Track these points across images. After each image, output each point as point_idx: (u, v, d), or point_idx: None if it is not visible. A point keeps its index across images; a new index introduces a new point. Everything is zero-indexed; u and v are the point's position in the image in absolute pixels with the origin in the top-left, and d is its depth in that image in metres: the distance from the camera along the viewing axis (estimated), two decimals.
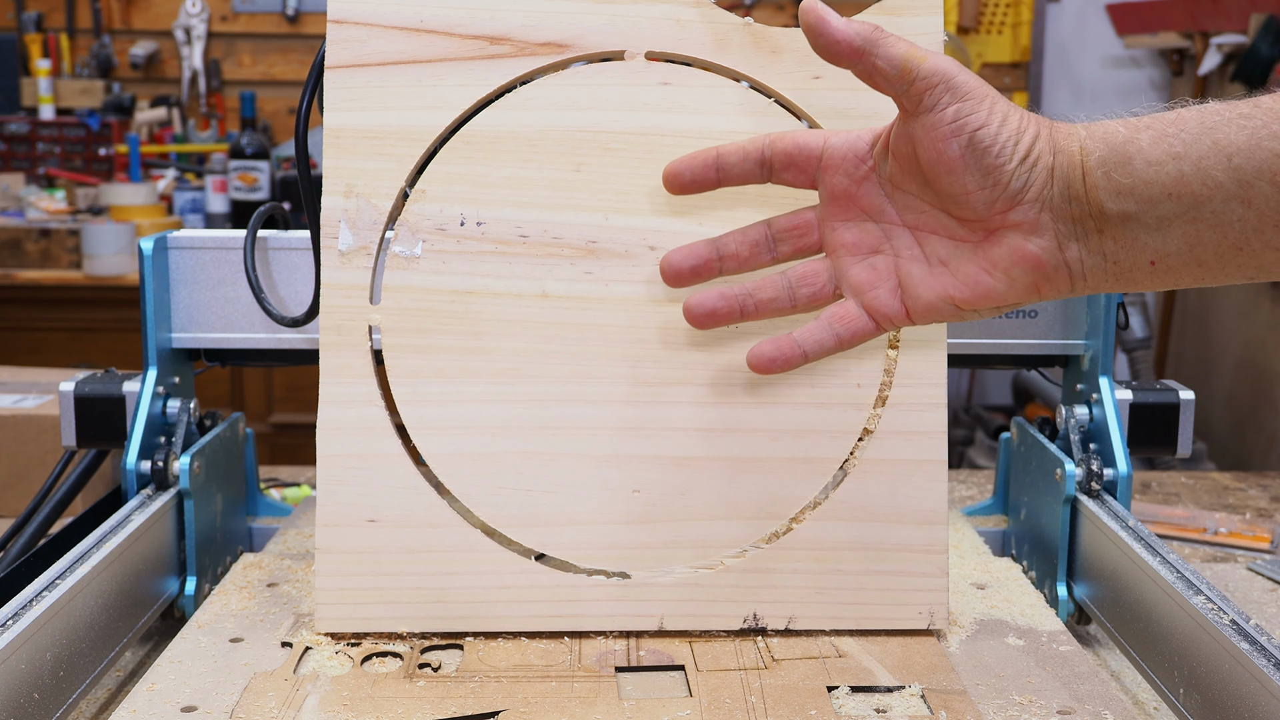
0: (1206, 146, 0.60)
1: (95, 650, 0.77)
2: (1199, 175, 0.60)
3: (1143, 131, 0.62)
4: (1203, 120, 0.60)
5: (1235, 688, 0.67)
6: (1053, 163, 0.63)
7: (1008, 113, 0.64)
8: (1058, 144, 0.64)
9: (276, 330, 0.96)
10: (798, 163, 0.72)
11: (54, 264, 2.83)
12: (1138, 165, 0.61)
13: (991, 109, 0.64)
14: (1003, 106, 0.64)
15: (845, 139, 0.71)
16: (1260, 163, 0.58)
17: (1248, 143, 0.59)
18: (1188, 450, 0.99)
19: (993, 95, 0.65)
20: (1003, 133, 0.64)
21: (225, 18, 3.51)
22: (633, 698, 0.74)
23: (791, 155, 0.72)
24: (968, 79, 0.65)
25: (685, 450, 0.82)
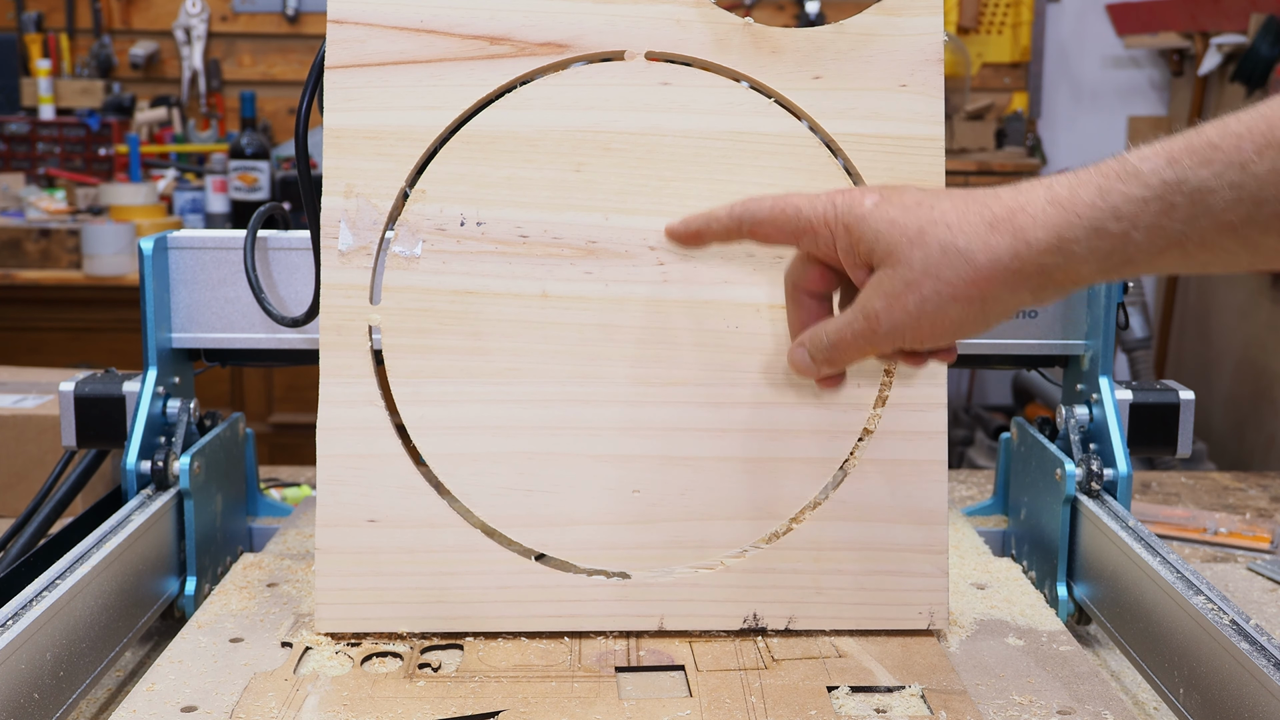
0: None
1: (95, 650, 0.77)
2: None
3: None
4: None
5: (1235, 688, 0.67)
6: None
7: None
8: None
9: (276, 330, 0.96)
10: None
11: (54, 264, 2.83)
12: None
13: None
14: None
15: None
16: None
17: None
18: (1188, 450, 0.99)
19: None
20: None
21: (225, 18, 3.51)
22: (633, 698, 0.74)
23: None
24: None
25: (685, 450, 0.82)
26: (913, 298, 0.66)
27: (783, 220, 0.72)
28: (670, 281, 0.82)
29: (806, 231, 0.71)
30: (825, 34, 0.82)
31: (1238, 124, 0.57)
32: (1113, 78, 3.78)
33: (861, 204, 0.68)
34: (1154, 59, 3.75)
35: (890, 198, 0.68)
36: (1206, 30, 3.40)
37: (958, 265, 0.64)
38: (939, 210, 0.65)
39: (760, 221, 0.73)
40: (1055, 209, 0.62)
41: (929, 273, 0.65)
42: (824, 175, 0.82)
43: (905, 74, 0.82)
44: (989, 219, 0.63)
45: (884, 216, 0.67)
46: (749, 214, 0.73)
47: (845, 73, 0.82)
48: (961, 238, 0.64)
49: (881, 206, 0.67)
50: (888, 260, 0.67)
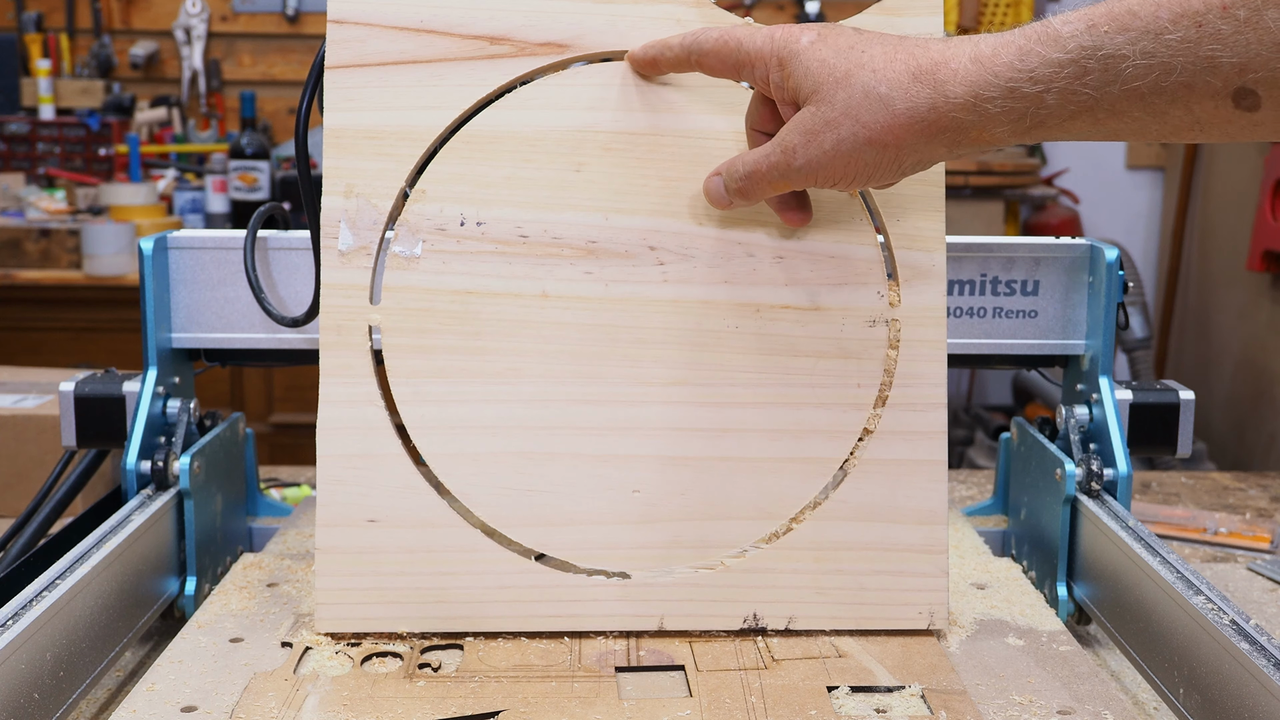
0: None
1: (95, 650, 0.77)
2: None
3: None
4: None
5: (1235, 688, 0.67)
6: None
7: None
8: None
9: (276, 330, 0.96)
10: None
11: (54, 264, 2.83)
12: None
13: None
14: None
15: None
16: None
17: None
18: (1188, 450, 0.99)
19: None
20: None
21: (225, 18, 3.51)
22: (633, 698, 0.74)
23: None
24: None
25: (685, 450, 0.82)
26: (830, 136, 0.68)
27: (725, 52, 0.74)
28: (670, 281, 0.82)
29: (746, 64, 0.73)
30: None
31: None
32: None
33: (798, 40, 0.70)
34: None
35: (826, 37, 0.69)
36: None
37: (877, 110, 0.66)
38: (868, 55, 0.67)
39: (706, 52, 0.75)
40: (976, 66, 0.64)
41: (849, 114, 0.67)
42: None
43: None
44: (913, 69, 0.66)
45: (816, 56, 0.69)
46: (697, 44, 0.76)
47: None
48: (884, 85, 0.66)
49: (816, 45, 0.69)
50: (812, 98, 0.69)
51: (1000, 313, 0.98)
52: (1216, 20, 0.56)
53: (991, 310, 0.98)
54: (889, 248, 0.82)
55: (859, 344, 0.82)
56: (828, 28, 0.71)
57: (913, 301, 0.82)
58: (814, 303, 0.82)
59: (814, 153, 0.69)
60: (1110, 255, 0.94)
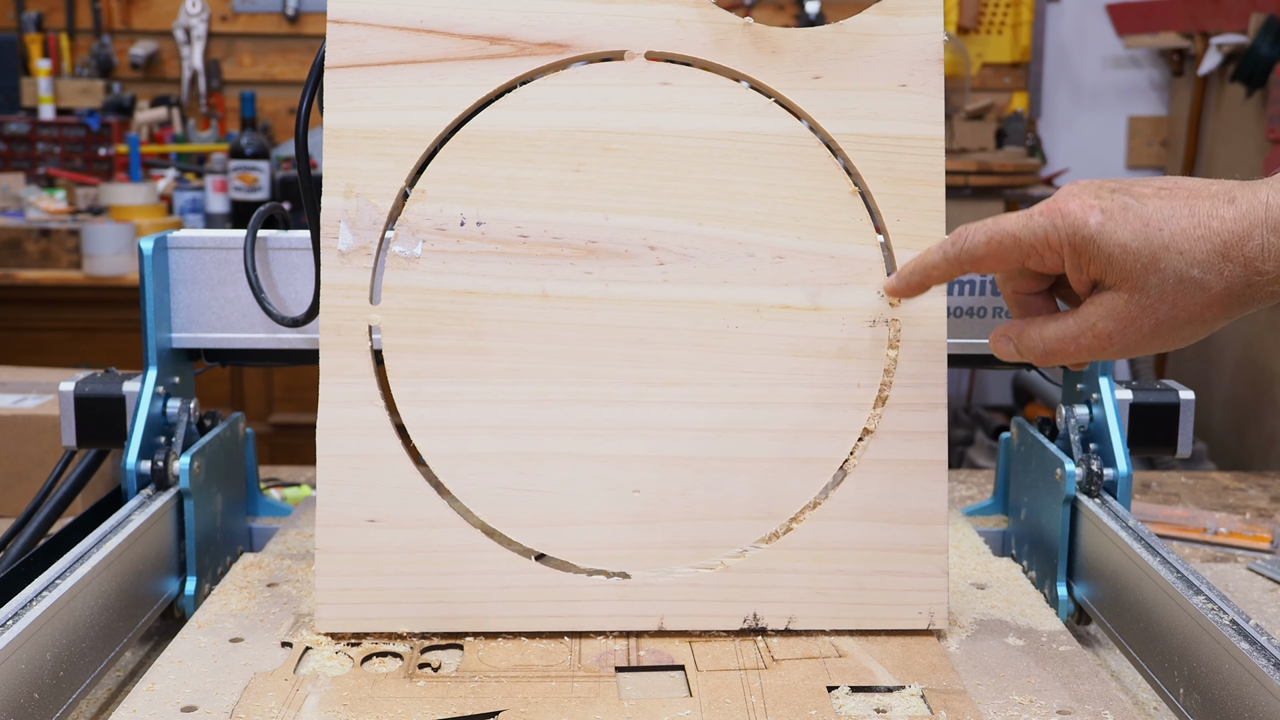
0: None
1: (95, 650, 0.77)
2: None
3: None
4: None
5: (1235, 688, 0.67)
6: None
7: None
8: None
9: (276, 330, 0.96)
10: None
11: (54, 264, 2.83)
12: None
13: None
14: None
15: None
16: None
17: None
18: (1188, 450, 0.99)
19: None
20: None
21: (225, 18, 3.51)
22: (633, 698, 0.74)
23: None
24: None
25: (685, 450, 0.82)
26: (1148, 321, 0.68)
27: (1002, 251, 0.72)
28: (670, 281, 0.82)
29: (1030, 255, 0.72)
30: (825, 34, 0.82)
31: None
32: (1113, 78, 3.78)
33: (1087, 224, 0.68)
34: (1154, 59, 3.75)
35: (1115, 216, 0.68)
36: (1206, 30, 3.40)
37: (1194, 294, 0.67)
38: (1169, 234, 0.66)
39: (979, 258, 0.74)
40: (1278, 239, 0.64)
41: (1165, 299, 0.67)
42: (824, 175, 0.82)
43: (905, 74, 0.82)
44: (1220, 247, 0.65)
45: (1114, 240, 0.68)
46: (966, 253, 0.74)
47: (845, 73, 0.82)
48: (1196, 267, 0.66)
49: (1109, 228, 0.68)
50: (1121, 284, 0.68)
51: (1000, 313, 0.98)
52: None
53: (991, 310, 0.98)
54: (889, 248, 0.82)
55: (859, 344, 0.82)
56: (1104, 198, 0.69)
57: (913, 301, 0.82)
58: (814, 303, 0.82)
59: (1132, 337, 0.69)
60: None
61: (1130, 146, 3.79)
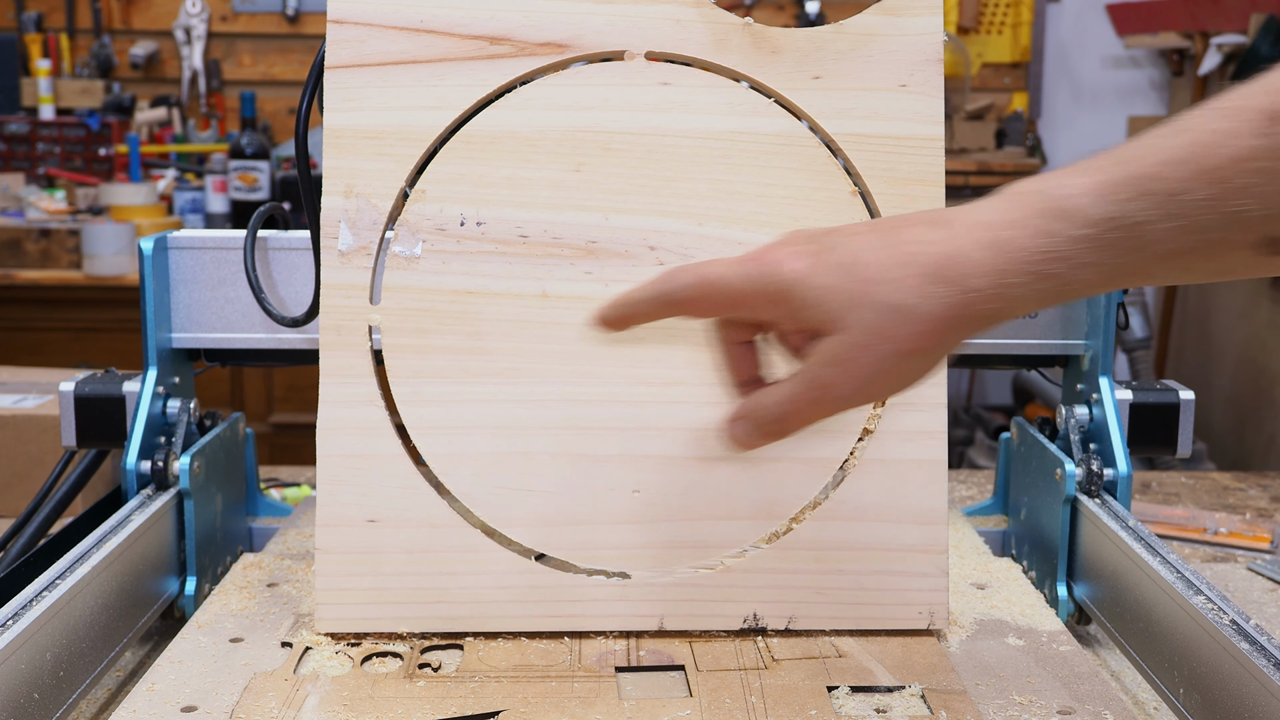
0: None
1: (95, 650, 0.77)
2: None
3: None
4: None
5: (1235, 688, 0.67)
6: None
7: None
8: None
9: (276, 330, 0.96)
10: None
11: (54, 264, 2.83)
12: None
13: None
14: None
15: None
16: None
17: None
18: (1188, 450, 0.98)
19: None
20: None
21: (225, 18, 3.51)
22: (633, 698, 0.74)
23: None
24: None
25: (685, 450, 0.82)
26: (866, 360, 0.64)
27: (709, 297, 0.68)
28: None
29: (738, 304, 0.67)
30: (825, 34, 0.82)
31: (1167, 150, 0.57)
32: (1113, 78, 3.78)
33: (785, 270, 0.65)
34: (1154, 59, 3.75)
35: (819, 258, 0.65)
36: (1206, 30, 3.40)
37: (905, 322, 0.63)
38: (874, 268, 0.63)
39: (683, 301, 0.68)
40: (992, 253, 0.61)
41: (877, 333, 0.63)
42: (824, 175, 0.82)
43: (905, 74, 0.82)
44: (925, 270, 0.62)
45: (815, 284, 0.64)
46: (670, 295, 0.68)
47: (845, 73, 0.82)
48: (901, 294, 0.62)
49: (812, 271, 0.65)
50: (831, 327, 0.64)
51: None
52: (1237, 174, 0.55)
53: None
54: None
55: None
56: (807, 243, 0.66)
57: None
58: None
59: (855, 382, 0.65)
60: None
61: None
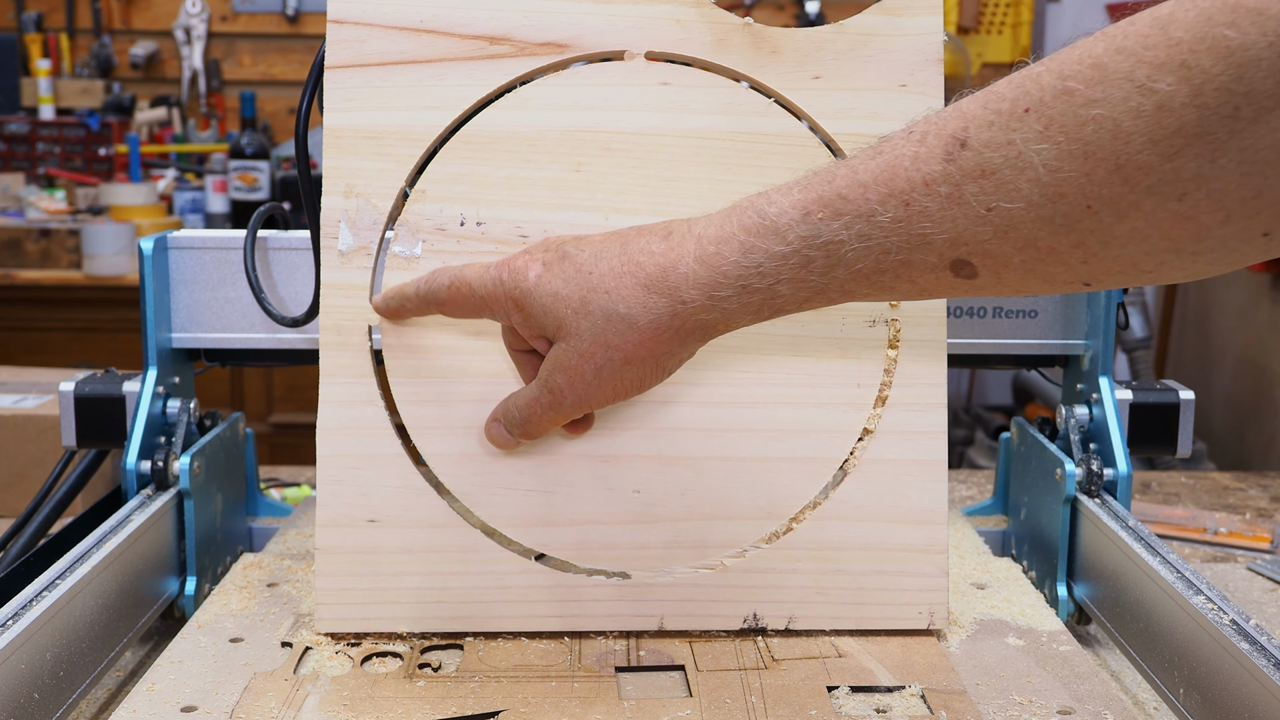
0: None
1: (95, 650, 0.77)
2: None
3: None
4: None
5: (1235, 688, 0.67)
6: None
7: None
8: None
9: (276, 330, 0.96)
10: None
11: (54, 264, 2.83)
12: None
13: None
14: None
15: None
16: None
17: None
18: (1188, 450, 0.99)
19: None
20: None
21: (225, 18, 3.51)
22: (633, 698, 0.74)
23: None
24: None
25: (685, 450, 0.82)
26: (589, 367, 0.68)
27: (461, 299, 0.72)
28: None
29: (484, 307, 0.72)
30: (825, 34, 0.82)
31: (864, 172, 0.59)
32: None
33: (526, 277, 0.69)
34: None
35: (552, 266, 0.68)
36: None
37: (623, 330, 0.66)
38: (597, 276, 0.66)
39: (442, 301, 0.74)
40: (703, 267, 0.63)
41: (598, 341, 0.67)
42: None
43: (905, 74, 0.82)
44: (644, 281, 0.65)
45: (548, 290, 0.68)
46: (431, 294, 0.74)
47: (845, 73, 0.82)
48: (622, 303, 0.65)
49: (544, 279, 0.68)
50: (559, 333, 0.68)
51: (1000, 313, 0.98)
52: (922, 198, 0.56)
53: (991, 310, 0.98)
54: None
55: (859, 344, 0.82)
56: (550, 253, 0.69)
57: (913, 301, 0.82)
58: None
59: (580, 388, 0.69)
60: None
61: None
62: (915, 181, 0.57)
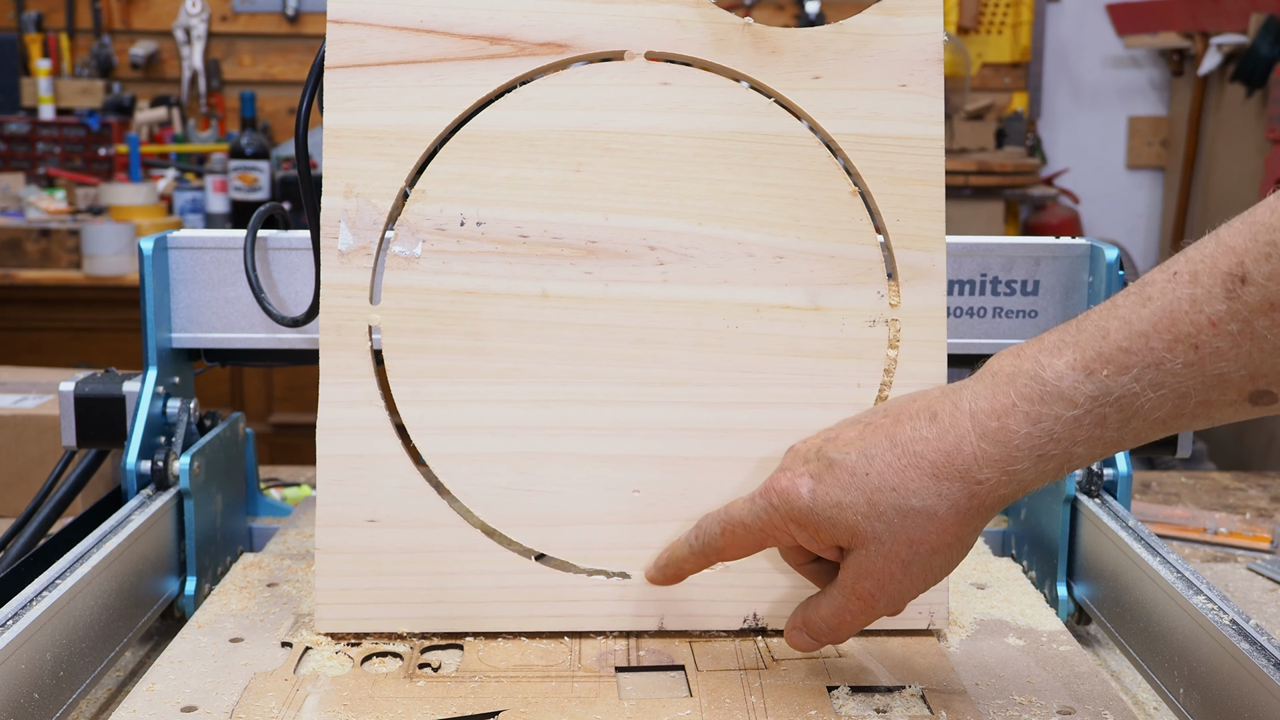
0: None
1: (95, 650, 0.77)
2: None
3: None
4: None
5: (1235, 688, 0.67)
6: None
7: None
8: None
9: (276, 330, 0.96)
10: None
11: (54, 264, 2.83)
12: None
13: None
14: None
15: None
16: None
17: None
18: (1188, 450, 0.98)
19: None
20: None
21: (225, 18, 3.51)
22: (633, 698, 0.74)
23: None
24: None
25: (685, 450, 0.82)
26: (896, 566, 0.67)
27: (738, 539, 0.72)
28: (670, 281, 0.81)
29: (766, 539, 0.71)
30: (825, 34, 0.82)
31: (1140, 321, 0.58)
32: (1113, 78, 3.78)
33: (800, 496, 0.68)
34: (1154, 59, 3.75)
35: (823, 478, 0.67)
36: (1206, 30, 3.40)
37: (924, 523, 0.65)
38: (875, 475, 0.65)
39: (721, 549, 0.74)
40: (992, 445, 0.63)
41: (899, 539, 0.66)
42: (824, 175, 0.82)
43: (905, 74, 0.82)
44: (929, 471, 0.64)
45: (828, 502, 0.67)
46: (708, 546, 0.74)
47: (845, 73, 0.82)
48: (914, 497, 0.65)
49: (820, 493, 0.67)
50: (854, 540, 0.67)
51: (1000, 313, 0.98)
52: (1211, 339, 0.56)
53: (991, 310, 0.98)
54: (889, 248, 0.82)
55: (859, 344, 0.82)
56: (814, 462, 0.68)
57: (913, 301, 0.82)
58: (814, 303, 0.82)
59: (892, 588, 0.68)
60: (1110, 255, 0.94)
61: (1130, 146, 3.79)
62: (1200, 324, 0.56)
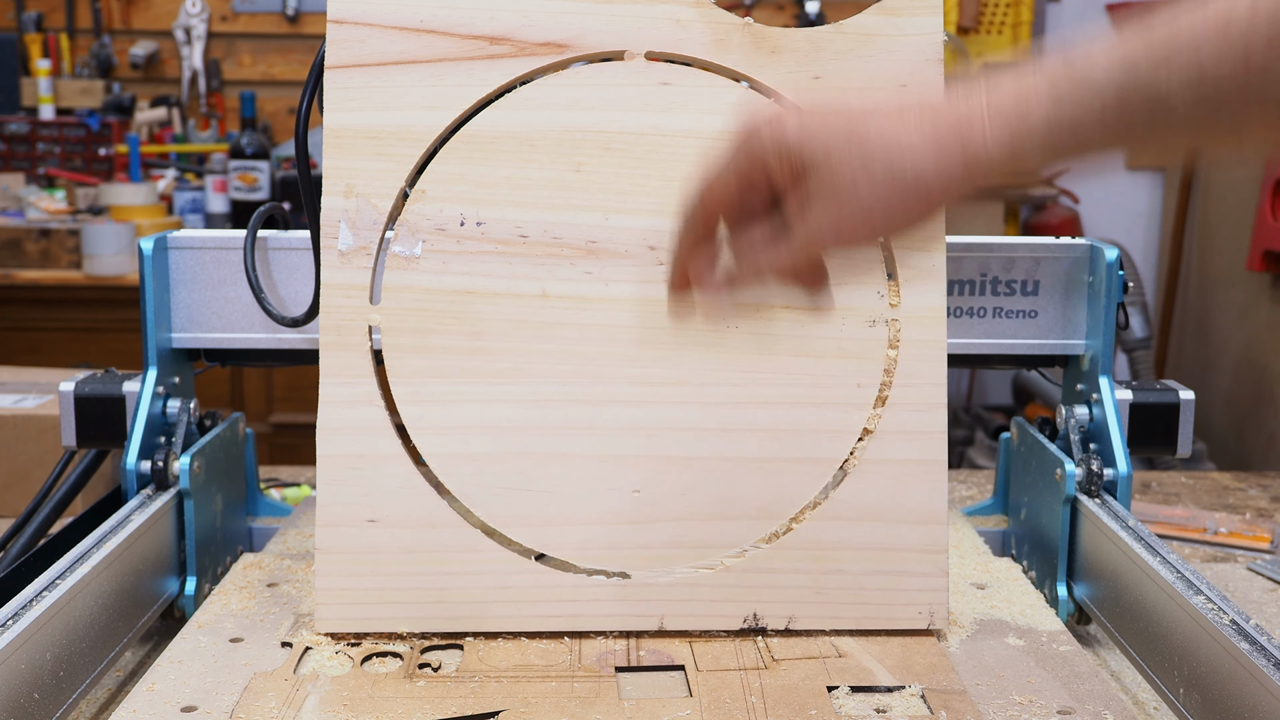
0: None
1: (95, 650, 0.77)
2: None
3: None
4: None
5: (1235, 688, 0.67)
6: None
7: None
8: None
9: (276, 330, 0.96)
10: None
11: (54, 264, 2.83)
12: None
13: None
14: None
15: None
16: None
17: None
18: (1188, 450, 0.99)
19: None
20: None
21: (225, 18, 3.51)
22: (633, 698, 0.74)
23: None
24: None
25: (685, 450, 0.82)
26: (856, 198, 0.62)
27: (713, 188, 0.67)
28: None
29: (740, 171, 0.66)
30: (825, 34, 0.82)
31: (1192, 25, 0.55)
32: None
33: (785, 120, 0.63)
34: None
35: (811, 113, 0.63)
36: None
37: (909, 183, 0.61)
38: (874, 127, 0.62)
39: (701, 202, 0.68)
40: (1003, 124, 0.59)
41: (877, 184, 0.62)
42: None
43: (905, 74, 0.82)
44: (934, 136, 0.61)
45: (813, 132, 0.63)
46: (686, 207, 0.69)
47: (845, 73, 0.82)
48: (908, 156, 0.61)
49: (804, 113, 0.63)
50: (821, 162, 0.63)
51: (1000, 313, 0.98)
52: (1264, 53, 0.53)
53: (991, 310, 0.98)
54: (889, 248, 0.82)
55: (859, 344, 0.82)
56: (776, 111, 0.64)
57: (913, 301, 0.82)
58: (814, 303, 0.82)
59: (845, 215, 0.63)
60: (1110, 255, 0.94)
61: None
62: (1255, 39, 0.53)
